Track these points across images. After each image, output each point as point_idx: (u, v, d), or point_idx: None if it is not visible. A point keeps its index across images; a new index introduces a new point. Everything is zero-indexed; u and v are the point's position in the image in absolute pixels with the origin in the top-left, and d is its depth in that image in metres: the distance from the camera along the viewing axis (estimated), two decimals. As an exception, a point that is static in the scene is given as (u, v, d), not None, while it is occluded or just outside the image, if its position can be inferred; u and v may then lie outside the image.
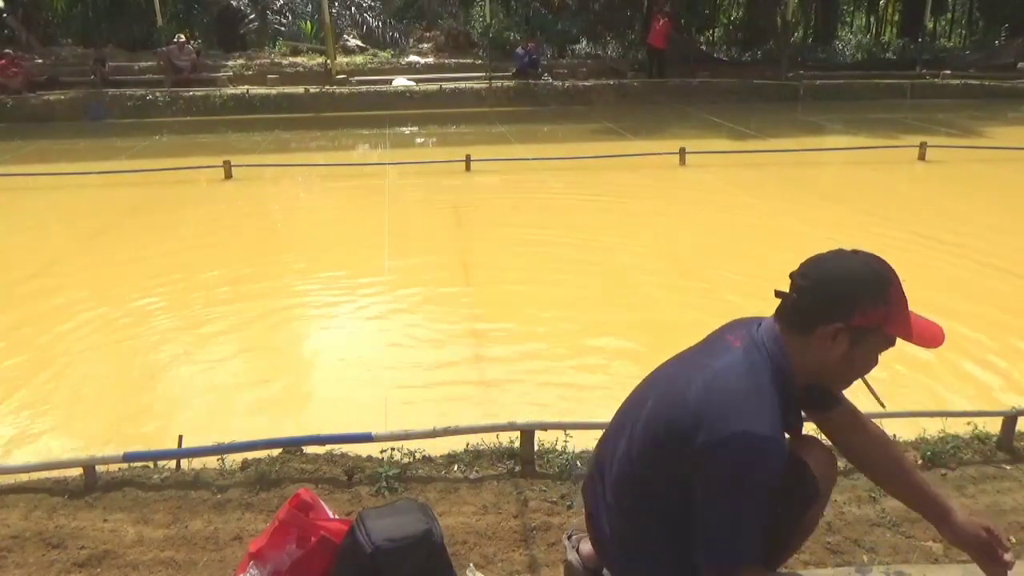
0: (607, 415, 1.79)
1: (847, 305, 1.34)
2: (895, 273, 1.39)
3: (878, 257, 1.41)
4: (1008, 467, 2.74)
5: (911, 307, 1.40)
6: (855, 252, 1.43)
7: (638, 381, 1.71)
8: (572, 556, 1.89)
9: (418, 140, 12.75)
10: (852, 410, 1.64)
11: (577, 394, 3.76)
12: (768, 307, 1.52)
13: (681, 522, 1.43)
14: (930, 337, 1.39)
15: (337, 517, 2.08)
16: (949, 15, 24.12)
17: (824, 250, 1.47)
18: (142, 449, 2.83)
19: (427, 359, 4.09)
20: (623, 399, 1.72)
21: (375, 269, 5.48)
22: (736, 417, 1.32)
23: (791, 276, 1.44)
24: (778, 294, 1.47)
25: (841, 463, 1.89)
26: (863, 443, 1.62)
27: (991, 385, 3.76)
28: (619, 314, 4.70)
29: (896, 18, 25.10)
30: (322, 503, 2.08)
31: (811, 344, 1.38)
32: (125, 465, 2.73)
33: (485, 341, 4.32)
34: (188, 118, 13.57)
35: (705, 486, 1.37)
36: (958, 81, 16.43)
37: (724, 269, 5.42)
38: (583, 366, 4.04)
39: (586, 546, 1.85)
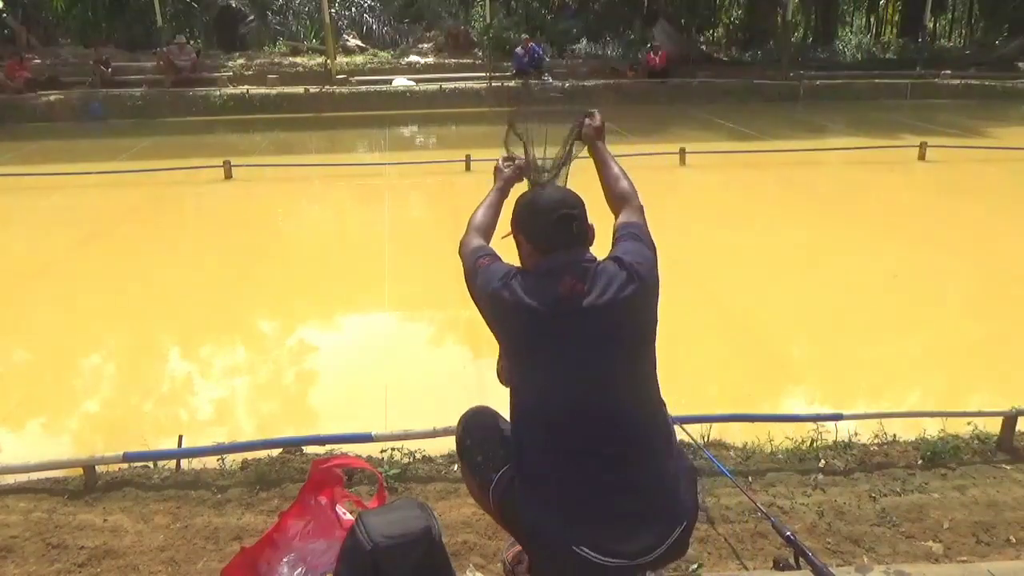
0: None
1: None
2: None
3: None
4: (1008, 467, 2.75)
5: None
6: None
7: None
8: None
9: (418, 140, 12.75)
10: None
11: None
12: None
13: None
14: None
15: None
16: (949, 15, 24.11)
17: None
18: (142, 449, 2.84)
19: (427, 359, 4.10)
20: None
21: (375, 269, 5.48)
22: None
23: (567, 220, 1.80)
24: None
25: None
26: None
27: (991, 385, 3.77)
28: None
29: (896, 18, 25.07)
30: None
31: None
32: (125, 465, 2.74)
33: (485, 340, 4.31)
34: (188, 118, 13.55)
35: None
36: (958, 81, 16.40)
37: (724, 269, 5.41)
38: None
39: None
